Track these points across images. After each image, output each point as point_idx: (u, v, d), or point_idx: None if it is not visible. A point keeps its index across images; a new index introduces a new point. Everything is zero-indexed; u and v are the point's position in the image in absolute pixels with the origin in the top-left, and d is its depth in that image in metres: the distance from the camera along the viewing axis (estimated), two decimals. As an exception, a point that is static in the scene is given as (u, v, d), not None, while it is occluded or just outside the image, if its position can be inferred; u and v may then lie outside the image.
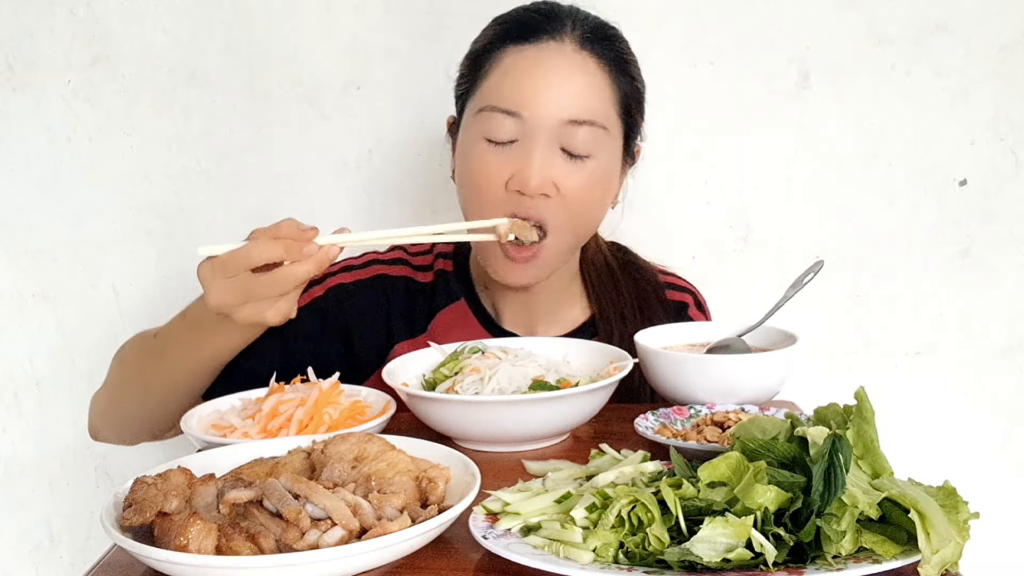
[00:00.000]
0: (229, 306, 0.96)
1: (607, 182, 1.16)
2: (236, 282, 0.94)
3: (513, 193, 1.10)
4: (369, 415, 1.00)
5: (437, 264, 1.28)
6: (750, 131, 1.58)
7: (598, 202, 1.17)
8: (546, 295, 1.24)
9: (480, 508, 0.74)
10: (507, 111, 1.09)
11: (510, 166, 1.10)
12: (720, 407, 0.98)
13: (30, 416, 1.69)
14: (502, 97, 1.10)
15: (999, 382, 1.63)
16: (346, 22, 1.58)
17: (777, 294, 1.09)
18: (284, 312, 0.98)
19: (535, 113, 1.09)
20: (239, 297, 0.95)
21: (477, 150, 1.12)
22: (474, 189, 1.13)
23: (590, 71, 1.11)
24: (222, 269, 0.94)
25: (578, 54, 1.11)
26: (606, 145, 1.13)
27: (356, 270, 1.26)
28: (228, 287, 0.95)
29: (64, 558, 1.72)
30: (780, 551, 0.63)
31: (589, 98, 1.11)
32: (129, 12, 1.58)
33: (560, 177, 1.10)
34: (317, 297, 1.23)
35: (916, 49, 1.54)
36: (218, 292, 0.95)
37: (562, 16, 1.13)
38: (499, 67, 1.12)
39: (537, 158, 1.08)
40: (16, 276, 1.65)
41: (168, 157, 1.62)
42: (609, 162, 1.15)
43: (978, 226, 1.58)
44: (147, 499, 0.70)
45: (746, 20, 1.55)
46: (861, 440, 0.68)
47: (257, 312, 0.96)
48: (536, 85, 1.09)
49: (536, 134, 1.09)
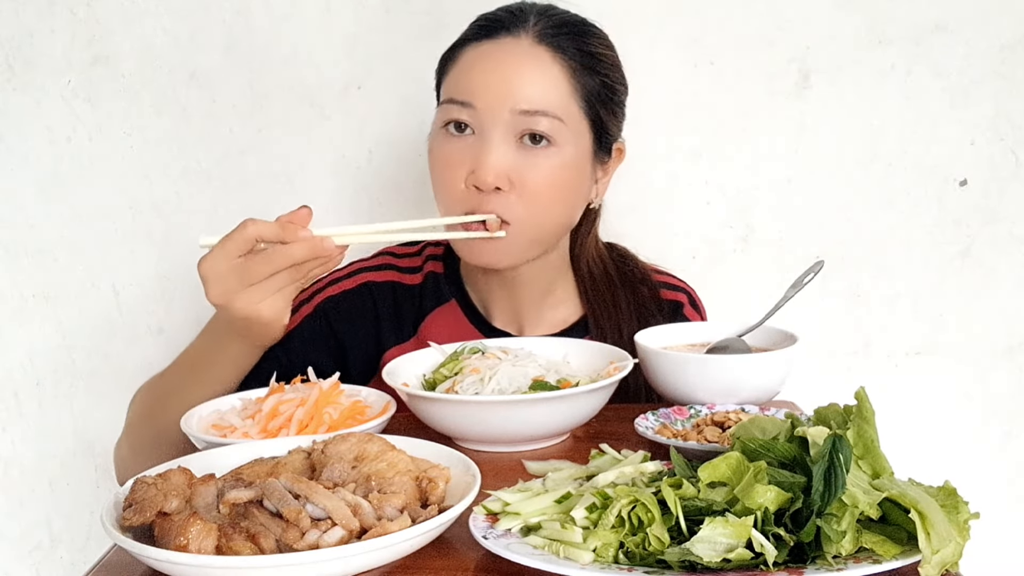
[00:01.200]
0: (226, 294, 0.97)
1: (569, 176, 1.15)
2: (233, 266, 0.97)
3: (471, 188, 1.12)
4: (369, 415, 1.00)
5: (427, 266, 1.29)
6: (750, 131, 1.58)
7: (559, 196, 1.16)
8: (532, 291, 1.24)
9: (480, 508, 0.74)
10: (461, 102, 1.12)
11: (468, 160, 1.12)
12: (720, 407, 0.98)
13: (30, 416, 1.68)
14: (458, 89, 1.14)
15: (999, 382, 1.63)
16: (346, 22, 1.58)
17: (777, 294, 1.09)
18: (279, 309, 1.00)
19: (487, 103, 1.11)
20: (235, 282, 0.97)
21: (438, 141, 1.16)
22: (438, 183, 1.16)
23: (544, 64, 1.12)
24: (220, 251, 0.96)
25: (534, 48, 1.13)
26: (566, 137, 1.13)
27: (342, 281, 1.27)
28: (225, 272, 0.97)
29: (64, 558, 1.72)
30: (780, 551, 0.63)
31: (542, 89, 1.12)
32: (129, 12, 1.58)
33: (515, 170, 1.11)
34: (307, 315, 1.24)
35: (916, 49, 1.54)
36: (216, 279, 0.97)
37: (528, 13, 1.15)
38: (458, 63, 1.16)
39: (491, 151, 1.10)
40: (16, 276, 1.65)
41: (168, 157, 1.62)
42: (572, 156, 1.15)
43: (978, 226, 1.58)
44: (147, 499, 0.70)
45: (746, 20, 1.55)
46: (861, 440, 0.68)
47: (252, 302, 0.98)
48: (487, 76, 1.12)
49: (489, 124, 1.11)
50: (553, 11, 1.17)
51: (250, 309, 0.98)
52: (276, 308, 1.00)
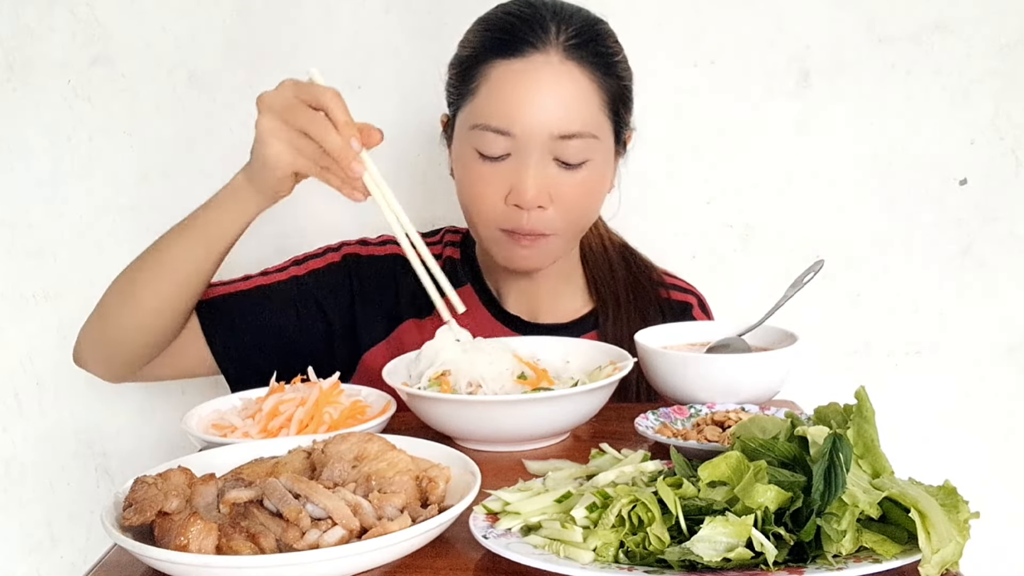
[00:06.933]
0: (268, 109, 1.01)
1: (601, 183, 1.20)
2: (291, 98, 1.01)
3: (511, 207, 1.13)
4: (369, 415, 1.00)
5: (445, 252, 1.32)
6: (750, 130, 1.58)
7: (594, 204, 1.21)
8: (547, 282, 1.27)
9: (480, 508, 0.74)
10: (498, 130, 1.12)
11: (506, 181, 1.13)
12: (720, 407, 0.98)
13: (30, 416, 1.68)
14: (492, 115, 1.13)
15: (999, 382, 1.63)
16: (346, 22, 1.58)
17: (777, 294, 1.09)
18: (282, 158, 1.01)
19: (525, 130, 1.11)
20: (279, 106, 1.01)
21: (473, 166, 1.16)
22: (473, 203, 1.17)
23: (576, 81, 1.13)
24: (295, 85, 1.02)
25: (564, 65, 1.12)
26: (598, 151, 1.16)
27: (371, 246, 1.32)
28: (284, 96, 1.01)
29: (64, 558, 1.72)
30: (780, 550, 0.63)
31: (578, 110, 1.13)
32: (129, 12, 1.58)
33: (555, 187, 1.13)
34: (333, 261, 1.29)
35: (916, 49, 1.54)
36: (274, 94, 1.01)
37: (546, 19, 1.13)
38: (487, 83, 1.14)
39: (531, 173, 1.12)
40: (16, 276, 1.65)
41: (168, 157, 1.62)
42: (602, 165, 1.18)
43: (978, 226, 1.58)
44: (147, 499, 0.70)
45: (746, 20, 1.55)
46: (861, 439, 0.68)
47: (271, 130, 1.01)
48: (524, 101, 1.11)
49: (528, 148, 1.12)
50: (566, 10, 1.16)
51: (266, 134, 1.01)
52: (280, 154, 1.01)
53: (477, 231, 1.20)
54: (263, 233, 1.65)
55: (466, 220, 1.22)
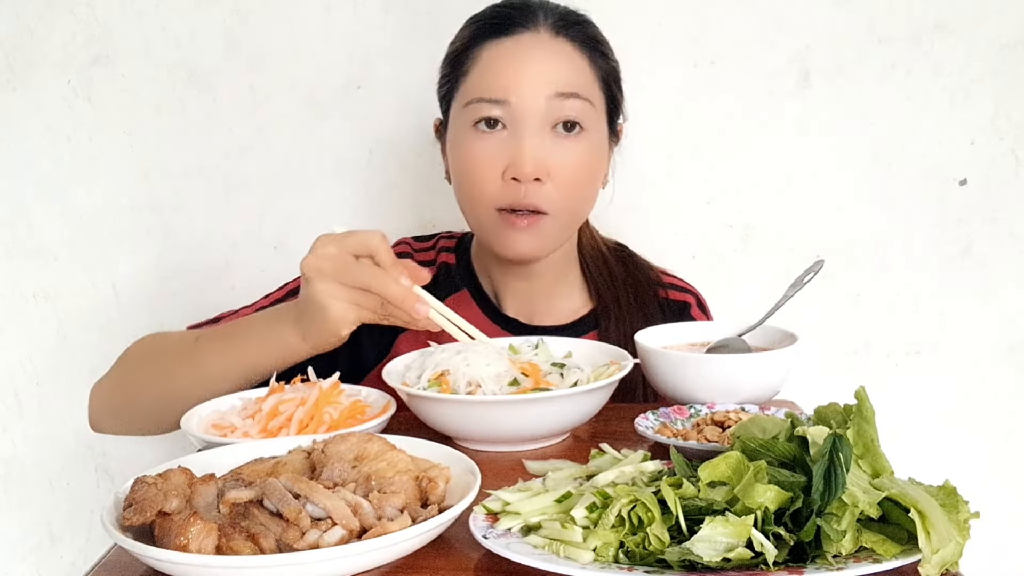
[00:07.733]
0: (319, 271, 0.97)
1: (597, 159, 1.20)
2: (340, 255, 0.97)
3: (509, 182, 1.13)
4: (369, 415, 1.00)
5: (440, 257, 1.31)
6: (750, 130, 1.58)
7: (590, 180, 1.20)
8: (544, 283, 1.27)
9: (480, 508, 0.74)
10: (494, 99, 1.13)
11: (503, 155, 1.13)
12: (720, 407, 0.98)
13: (30, 416, 1.69)
14: (488, 88, 1.14)
15: (999, 382, 1.63)
16: (346, 22, 1.58)
17: (777, 294, 1.09)
18: (346, 318, 0.98)
19: (521, 96, 1.12)
20: (331, 268, 0.97)
21: (467, 140, 1.16)
22: (469, 180, 1.16)
23: (568, 52, 1.15)
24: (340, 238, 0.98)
25: (554, 40, 1.15)
26: (594, 120, 1.17)
27: None
28: (332, 255, 0.97)
29: (64, 558, 1.72)
30: (780, 550, 0.63)
31: (572, 74, 1.15)
32: (129, 12, 1.58)
33: (552, 159, 1.13)
34: None
35: (916, 49, 1.54)
36: (321, 254, 0.97)
37: (534, 8, 1.17)
38: (480, 62, 1.16)
39: (528, 143, 1.12)
40: (16, 276, 1.65)
41: (168, 157, 1.62)
42: (597, 138, 1.18)
43: (978, 226, 1.58)
44: (147, 499, 0.70)
45: (746, 20, 1.55)
46: (861, 440, 0.68)
47: (330, 294, 0.97)
48: (519, 70, 1.13)
49: (524, 118, 1.12)
50: (552, 3, 1.20)
51: (324, 297, 0.97)
52: (344, 315, 0.98)
53: (475, 217, 1.19)
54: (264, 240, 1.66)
55: (463, 209, 1.21)
